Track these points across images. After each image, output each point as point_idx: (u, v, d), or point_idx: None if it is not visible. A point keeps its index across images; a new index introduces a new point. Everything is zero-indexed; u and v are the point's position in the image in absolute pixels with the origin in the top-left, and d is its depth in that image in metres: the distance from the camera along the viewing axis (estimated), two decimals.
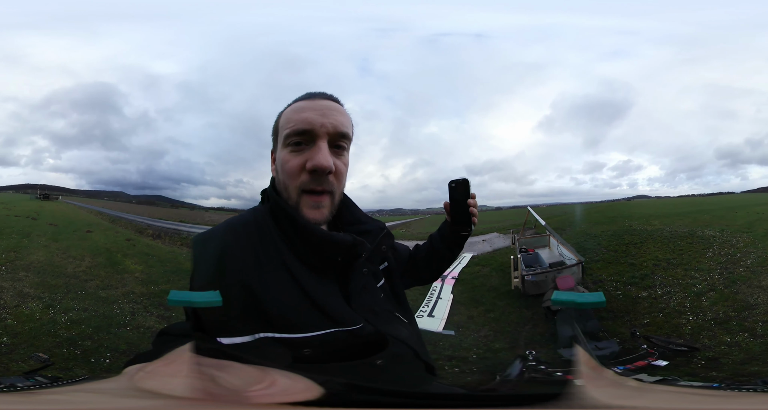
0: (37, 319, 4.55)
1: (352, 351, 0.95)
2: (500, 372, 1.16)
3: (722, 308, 4.75)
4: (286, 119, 1.02)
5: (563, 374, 1.01)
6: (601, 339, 4.61)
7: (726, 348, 4.15)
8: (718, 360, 3.94)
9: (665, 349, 4.30)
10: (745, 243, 6.43)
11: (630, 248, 7.47)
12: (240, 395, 0.65)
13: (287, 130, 1.00)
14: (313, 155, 0.97)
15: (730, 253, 6.18)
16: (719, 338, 4.31)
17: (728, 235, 7.07)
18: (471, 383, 2.67)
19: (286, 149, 1.01)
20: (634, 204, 11.84)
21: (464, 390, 1.06)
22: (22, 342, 4.04)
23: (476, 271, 7.42)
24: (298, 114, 1.01)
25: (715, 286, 5.27)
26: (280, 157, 1.02)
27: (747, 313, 4.50)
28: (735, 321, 4.43)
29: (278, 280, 0.94)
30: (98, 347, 4.14)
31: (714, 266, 5.85)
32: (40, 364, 3.52)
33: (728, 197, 11.02)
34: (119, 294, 5.45)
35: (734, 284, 5.17)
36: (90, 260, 6.48)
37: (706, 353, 4.10)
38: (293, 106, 1.04)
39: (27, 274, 5.60)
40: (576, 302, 0.84)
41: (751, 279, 5.15)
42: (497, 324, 5.26)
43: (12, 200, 10.72)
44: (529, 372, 1.20)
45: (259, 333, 0.91)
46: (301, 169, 0.98)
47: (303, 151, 0.99)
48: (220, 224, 1.06)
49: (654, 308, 5.23)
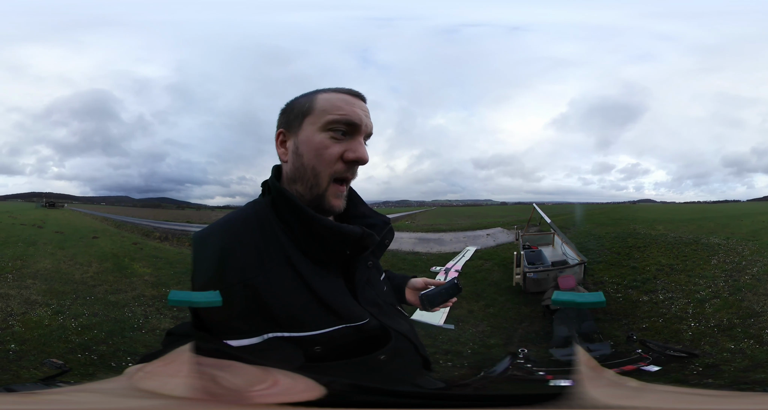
0: (46, 325, 4.56)
1: (358, 346, 0.95)
2: (486, 368, 1.13)
3: (726, 315, 4.69)
4: (332, 104, 0.98)
5: (558, 374, 1.02)
6: (595, 341, 4.59)
7: (728, 354, 4.09)
8: (719, 367, 3.85)
9: (661, 354, 4.26)
10: (751, 252, 6.38)
11: (633, 252, 7.45)
12: (241, 395, 0.64)
13: (334, 116, 0.97)
14: (356, 147, 0.98)
15: (736, 261, 6.13)
16: (722, 344, 4.25)
17: (734, 243, 7.02)
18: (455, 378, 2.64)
19: (324, 134, 0.97)
20: (639, 208, 11.81)
21: (464, 390, 1.05)
22: (32, 349, 4.04)
23: (479, 265, 7.43)
24: (348, 105, 0.99)
25: (719, 293, 5.21)
26: (314, 140, 0.98)
27: (753, 320, 4.44)
28: (740, 328, 4.38)
29: (283, 277, 0.92)
30: (115, 351, 4.15)
31: (719, 274, 5.80)
32: (56, 370, 3.48)
33: (734, 205, 10.98)
34: (129, 298, 5.46)
35: (739, 291, 5.12)
36: (97, 265, 6.52)
37: (706, 359, 4.02)
38: (337, 95, 1.01)
39: (34, 282, 5.61)
40: (576, 302, 0.85)
41: (757, 287, 5.10)
42: (495, 320, 5.25)
43: (18, 208, 10.85)
44: (514, 370, 1.19)
45: (267, 334, 0.90)
46: (338, 158, 0.97)
47: (343, 141, 0.98)
48: (219, 219, 1.02)
49: (654, 312, 5.19)
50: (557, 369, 1.18)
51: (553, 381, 1.11)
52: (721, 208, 11.06)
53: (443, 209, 13.48)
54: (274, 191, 1.01)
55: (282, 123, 1.05)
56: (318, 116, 0.98)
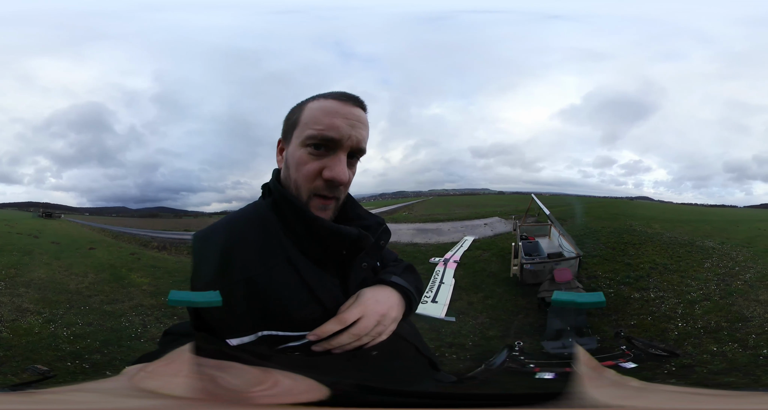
0: (35, 333, 4.49)
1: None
2: (486, 361, 1.15)
3: (715, 318, 4.80)
4: (313, 117, 0.95)
5: (546, 367, 1.04)
6: (584, 335, 4.69)
7: (708, 356, 4.19)
8: (692, 368, 3.97)
9: (644, 352, 4.38)
10: (745, 258, 6.46)
11: (628, 248, 7.50)
12: (241, 395, 0.64)
13: (312, 131, 0.94)
14: (332, 165, 0.95)
15: (729, 266, 6.21)
16: (704, 346, 4.35)
17: (728, 248, 7.09)
18: (462, 370, 2.68)
19: (303, 150, 0.96)
20: (637, 204, 11.86)
21: (464, 390, 1.08)
22: (17, 355, 4.00)
23: (477, 255, 7.46)
24: (328, 118, 0.94)
25: (710, 296, 5.32)
26: (295, 155, 0.97)
27: (740, 324, 4.55)
28: (726, 331, 4.48)
29: (283, 276, 0.94)
30: (111, 360, 4.10)
31: (711, 277, 5.89)
32: (37, 376, 3.42)
33: (731, 210, 11.06)
34: (126, 308, 5.40)
35: (730, 296, 5.21)
36: (93, 276, 6.43)
37: (683, 360, 4.13)
38: (322, 104, 0.97)
39: (27, 290, 5.52)
40: (576, 302, 0.85)
41: (748, 293, 5.20)
42: (494, 312, 5.32)
43: (14, 217, 10.65)
44: (511, 363, 1.21)
45: (260, 332, 0.91)
46: (317, 174, 0.96)
47: (321, 157, 0.96)
48: (221, 220, 1.04)
49: (644, 310, 5.28)
50: (547, 361, 1.19)
51: (539, 373, 1.13)
52: (718, 212, 11.14)
53: (440, 198, 13.43)
54: (275, 193, 1.01)
55: (282, 132, 1.06)
56: (301, 129, 0.97)
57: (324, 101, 0.97)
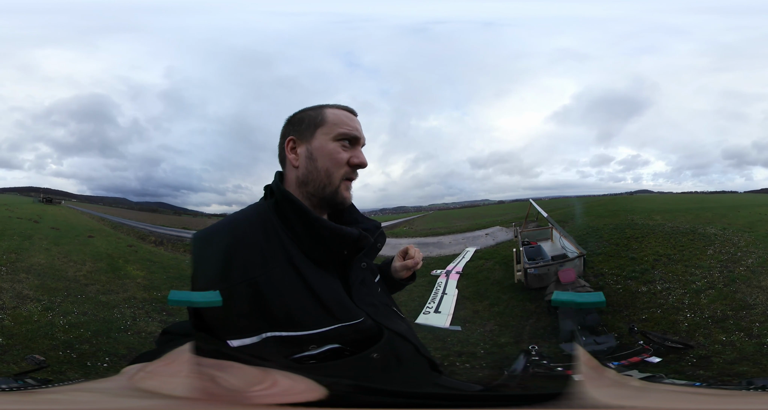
0: (35, 321, 4.54)
1: (353, 345, 0.97)
2: (507, 367, 1.20)
3: (720, 306, 4.79)
4: (339, 120, 1.14)
5: (563, 370, 1.03)
6: (600, 334, 4.69)
7: (720, 346, 4.21)
8: (710, 359, 4.00)
9: (660, 345, 4.38)
10: (747, 243, 6.42)
11: (631, 242, 7.46)
12: (240, 395, 0.65)
13: (344, 130, 1.13)
14: (359, 155, 1.14)
15: (731, 252, 6.19)
16: (714, 336, 4.37)
17: (730, 234, 7.05)
18: (482, 378, 2.67)
19: (336, 143, 1.13)
20: (637, 198, 11.84)
21: (464, 390, 1.09)
22: (17, 344, 4.07)
23: (480, 265, 7.46)
24: (351, 122, 1.15)
25: (714, 284, 5.30)
26: (327, 147, 1.12)
27: (744, 313, 4.55)
28: (732, 320, 4.49)
29: (284, 276, 0.96)
30: (96, 351, 4.15)
31: (714, 264, 5.87)
32: (33, 366, 3.52)
33: (731, 196, 11.01)
34: (120, 299, 5.45)
35: (734, 282, 5.21)
36: (91, 265, 6.48)
37: (699, 351, 4.17)
38: (339, 112, 1.16)
39: (27, 276, 5.58)
40: (576, 302, 0.84)
41: (750, 279, 5.19)
42: (502, 318, 5.31)
43: (15, 202, 10.63)
44: (533, 367, 1.25)
45: (264, 333, 0.92)
46: (346, 162, 1.12)
47: (348, 149, 1.13)
48: (222, 220, 1.10)
49: (653, 303, 5.28)
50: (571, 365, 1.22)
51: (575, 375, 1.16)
52: (718, 198, 11.07)
53: (441, 212, 13.38)
54: (278, 194, 1.07)
55: (292, 131, 1.15)
56: (330, 127, 1.12)
57: (338, 110, 1.16)
